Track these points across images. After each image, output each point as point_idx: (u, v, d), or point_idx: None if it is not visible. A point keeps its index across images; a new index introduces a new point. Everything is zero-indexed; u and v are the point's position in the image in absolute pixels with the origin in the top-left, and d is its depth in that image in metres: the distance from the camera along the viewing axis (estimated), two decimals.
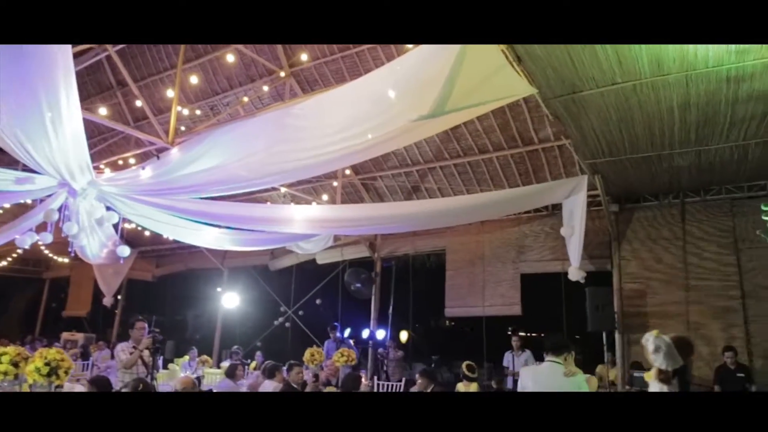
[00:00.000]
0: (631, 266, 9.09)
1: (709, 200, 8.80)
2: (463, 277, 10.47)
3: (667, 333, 8.33)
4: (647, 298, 8.87)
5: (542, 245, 9.90)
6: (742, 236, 8.50)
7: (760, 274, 8.30)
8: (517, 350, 9.10)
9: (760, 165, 7.76)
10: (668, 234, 8.95)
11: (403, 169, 10.38)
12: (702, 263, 8.65)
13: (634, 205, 9.25)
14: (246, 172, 6.91)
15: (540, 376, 4.21)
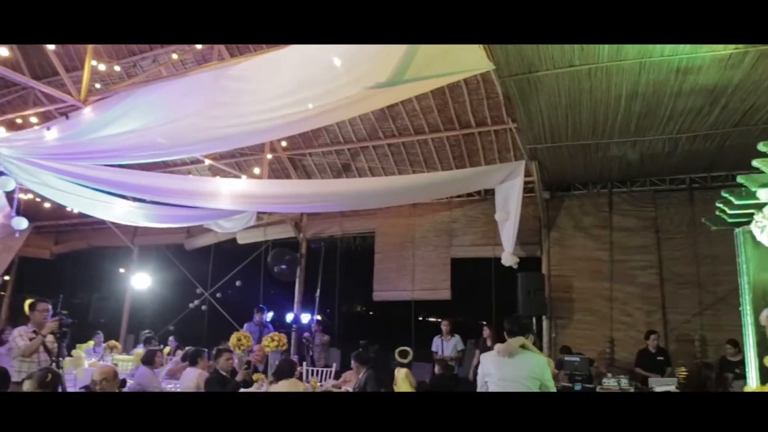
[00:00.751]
0: (560, 253, 9.23)
1: (635, 191, 9.08)
2: (392, 260, 10.25)
3: (592, 319, 8.54)
4: (574, 284, 9.05)
5: (474, 230, 9.85)
6: (664, 227, 8.84)
7: (678, 263, 8.68)
8: (446, 335, 9.00)
9: (685, 159, 8.05)
10: (596, 222, 9.16)
11: (334, 147, 9.96)
12: (626, 251, 8.92)
13: (565, 193, 9.39)
14: (169, 138, 6.23)
15: (503, 361, 4.02)
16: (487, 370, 4.06)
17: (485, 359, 4.16)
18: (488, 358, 4.14)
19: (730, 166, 8.43)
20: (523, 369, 3.94)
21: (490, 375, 4.02)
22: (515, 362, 3.96)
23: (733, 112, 6.48)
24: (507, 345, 4.03)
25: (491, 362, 4.08)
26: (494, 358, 4.08)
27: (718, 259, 8.48)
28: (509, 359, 3.98)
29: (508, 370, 3.97)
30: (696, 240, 8.64)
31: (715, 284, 8.45)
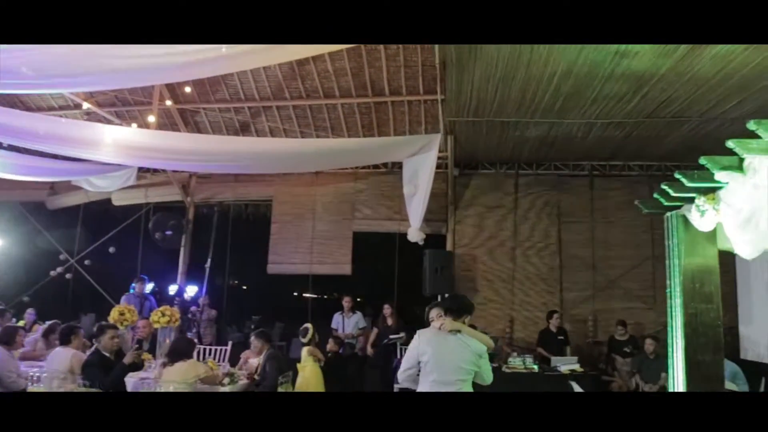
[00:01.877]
0: (465, 231, 9.15)
1: (540, 174, 9.19)
2: (290, 231, 9.58)
3: (495, 298, 8.52)
4: (478, 263, 9.01)
5: (379, 203, 9.46)
6: (565, 210, 9.05)
7: (575, 246, 8.94)
8: (347, 312, 8.60)
9: (592, 146, 8.22)
10: (502, 202, 9.17)
11: (233, 104, 9.01)
12: (529, 233, 9.03)
13: (473, 172, 9.29)
14: (37, 69, 5.08)
15: (442, 339, 3.69)
16: (422, 349, 3.70)
17: (422, 336, 3.79)
18: (426, 335, 3.79)
19: (628, 156, 8.78)
20: (463, 351, 3.65)
21: (425, 354, 3.67)
22: (456, 342, 3.66)
23: (651, 101, 6.61)
24: (449, 322, 3.73)
25: (428, 340, 3.73)
26: (432, 335, 3.75)
27: (613, 244, 8.87)
28: (449, 338, 3.68)
29: (446, 349, 3.66)
30: (594, 225, 8.95)
31: (608, 268, 8.83)
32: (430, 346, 3.68)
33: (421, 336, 3.81)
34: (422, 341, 3.75)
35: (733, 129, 7.30)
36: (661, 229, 8.69)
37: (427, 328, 3.90)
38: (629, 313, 8.48)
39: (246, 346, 6.94)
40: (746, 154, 3.65)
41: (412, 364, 3.75)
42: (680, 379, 4.93)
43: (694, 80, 6.04)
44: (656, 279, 8.71)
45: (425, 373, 3.63)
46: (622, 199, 8.96)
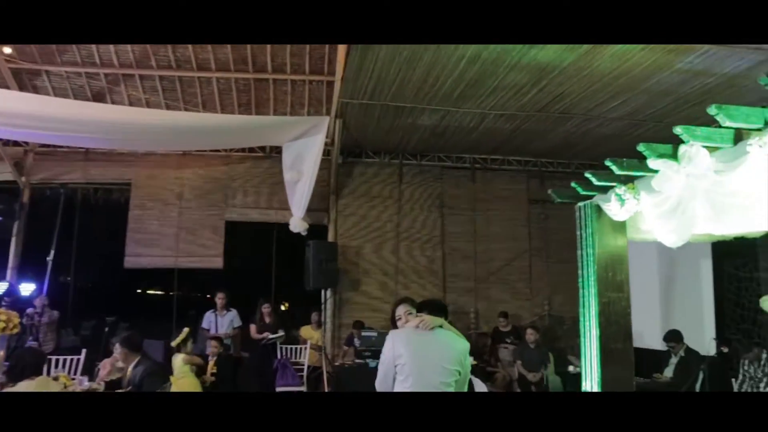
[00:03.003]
0: (348, 222, 8.71)
1: (424, 165, 9.02)
2: (152, 219, 8.40)
3: (378, 292, 8.19)
4: (361, 256, 8.62)
5: (255, 190, 8.66)
6: (448, 203, 8.98)
7: (457, 238, 8.91)
8: (220, 309, 7.74)
9: (479, 138, 8.21)
10: (385, 193, 8.87)
11: (85, 69, 7.64)
12: (413, 225, 8.83)
13: (357, 160, 8.87)
14: None
15: (422, 338, 3.22)
16: (398, 351, 3.14)
17: (396, 337, 3.24)
18: (401, 335, 3.25)
19: (509, 151, 8.93)
20: (446, 349, 3.16)
21: (401, 356, 3.12)
22: (437, 340, 3.18)
23: (546, 95, 6.68)
24: (431, 318, 3.23)
25: (405, 339, 3.19)
26: (410, 333, 3.22)
27: (493, 236, 8.97)
28: (429, 336, 3.18)
29: (426, 348, 3.15)
30: (475, 218, 8.98)
31: (489, 260, 8.92)
32: (407, 348, 3.14)
33: (395, 337, 3.24)
34: (397, 342, 3.18)
35: (610, 128, 7.71)
36: (537, 223, 9.04)
37: (400, 328, 3.38)
38: (508, 305, 8.64)
39: (105, 354, 5.88)
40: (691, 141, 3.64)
41: (388, 369, 3.18)
42: (595, 367, 4.97)
43: (590, 76, 6.18)
44: (533, 271, 8.99)
45: (401, 379, 3.10)
46: (501, 193, 9.12)
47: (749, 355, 5.88)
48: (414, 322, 3.26)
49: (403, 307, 3.52)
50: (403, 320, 3.47)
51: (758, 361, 5.84)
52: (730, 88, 6.47)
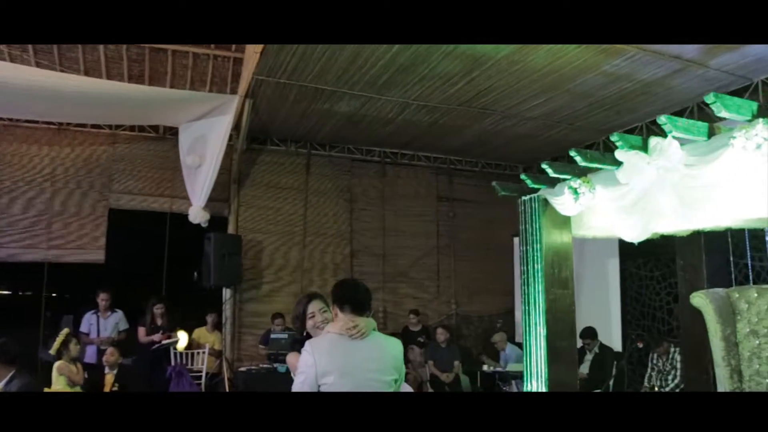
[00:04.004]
0: (251, 214, 7.99)
1: (334, 157, 8.54)
2: (16, 204, 7.07)
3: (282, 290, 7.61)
4: (264, 251, 7.95)
5: (145, 175, 7.63)
6: (357, 197, 8.58)
7: (365, 234, 8.54)
8: (103, 311, 6.69)
9: (395, 130, 7.91)
10: (292, 184, 8.28)
11: None
12: (320, 219, 8.33)
13: (261, 147, 8.18)
14: None
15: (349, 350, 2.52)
16: (323, 368, 2.45)
17: (318, 350, 2.49)
18: (324, 347, 2.52)
19: (420, 146, 8.73)
20: (384, 359, 2.56)
21: (328, 375, 2.45)
22: (372, 348, 2.56)
23: (473, 88, 6.52)
24: (365, 322, 2.57)
25: (331, 353, 2.50)
26: (336, 344, 2.52)
27: (402, 233, 8.71)
28: (362, 344, 2.54)
29: (362, 362, 2.52)
30: (384, 213, 8.67)
31: (398, 257, 8.64)
32: (334, 362, 2.47)
33: (316, 350, 2.50)
34: (321, 358, 2.47)
35: (524, 128, 7.76)
36: (445, 221, 8.91)
37: (320, 336, 2.62)
38: (417, 303, 8.44)
39: None
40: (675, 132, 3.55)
41: (309, 386, 2.47)
42: (542, 367, 4.82)
43: (521, 71, 6.09)
44: (440, 269, 8.85)
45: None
46: (411, 189, 8.90)
47: (659, 349, 6.13)
48: (337, 326, 2.56)
49: (316, 304, 2.84)
50: (318, 319, 2.78)
51: (667, 355, 6.09)
52: (643, 95, 6.74)
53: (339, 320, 2.61)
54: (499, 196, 5.47)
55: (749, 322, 4.67)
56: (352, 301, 2.61)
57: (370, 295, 2.72)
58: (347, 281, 2.85)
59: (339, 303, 2.63)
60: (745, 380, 4.61)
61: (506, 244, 8.98)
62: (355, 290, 2.69)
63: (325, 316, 2.81)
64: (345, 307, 2.61)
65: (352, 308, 2.60)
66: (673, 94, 6.70)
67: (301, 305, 2.86)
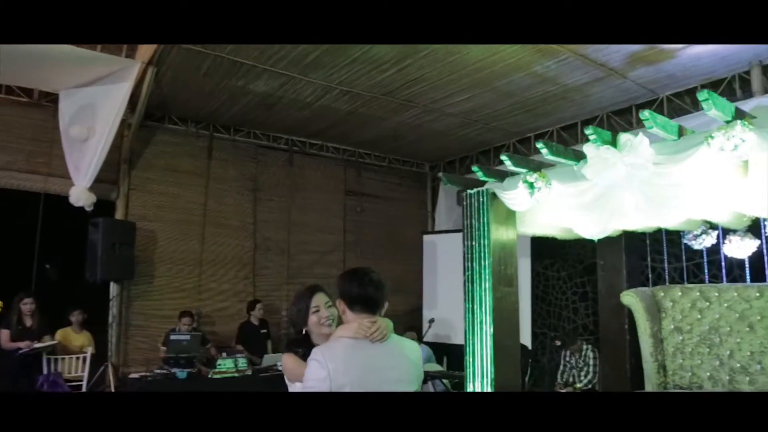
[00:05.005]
0: (142, 199, 7.05)
1: (239, 141, 7.83)
2: None
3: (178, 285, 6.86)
4: (158, 241, 7.06)
5: (14, 147, 6.40)
6: (262, 186, 7.95)
7: (270, 227, 7.94)
8: None
9: (308, 118, 7.44)
10: (191, 168, 7.45)
11: None
12: (222, 208, 7.59)
13: (158, 124, 7.26)
14: None
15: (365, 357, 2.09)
16: (338, 381, 2.00)
17: (331, 358, 2.03)
18: (338, 355, 2.05)
19: (331, 137, 8.30)
20: (406, 368, 2.18)
21: (342, 388, 2.01)
22: (393, 355, 2.16)
23: (402, 77, 6.25)
24: (386, 323, 2.17)
25: (346, 362, 2.05)
26: (351, 350, 2.08)
27: (309, 227, 8.24)
28: (381, 350, 2.12)
29: (382, 372, 2.10)
30: (290, 205, 8.12)
31: (302, 253, 8.13)
32: (350, 373, 2.04)
33: (328, 358, 2.04)
34: (334, 368, 2.03)
35: (442, 124, 7.66)
36: (352, 216, 8.57)
37: (332, 342, 2.15)
38: None
39: None
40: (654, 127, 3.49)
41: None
42: (489, 366, 4.61)
43: (455, 63, 5.92)
44: (346, 266, 8.46)
45: None
46: (319, 181, 8.43)
47: (573, 347, 6.27)
48: (350, 329, 2.11)
49: (321, 297, 2.43)
50: (323, 315, 2.38)
51: (580, 352, 6.25)
52: (562, 100, 6.89)
53: (349, 321, 2.17)
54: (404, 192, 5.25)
55: (674, 320, 4.86)
56: (363, 298, 2.15)
57: (385, 290, 2.23)
58: (358, 272, 2.27)
59: (348, 300, 2.17)
60: (669, 374, 4.79)
61: (413, 242, 8.84)
62: (367, 284, 2.18)
63: (331, 311, 2.41)
64: (355, 305, 2.16)
65: (363, 306, 2.15)
66: (588, 101, 6.94)
67: (303, 299, 2.44)
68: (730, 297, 4.57)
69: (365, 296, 2.15)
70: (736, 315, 4.50)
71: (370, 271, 2.27)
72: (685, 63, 5.93)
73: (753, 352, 4.38)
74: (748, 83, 6.02)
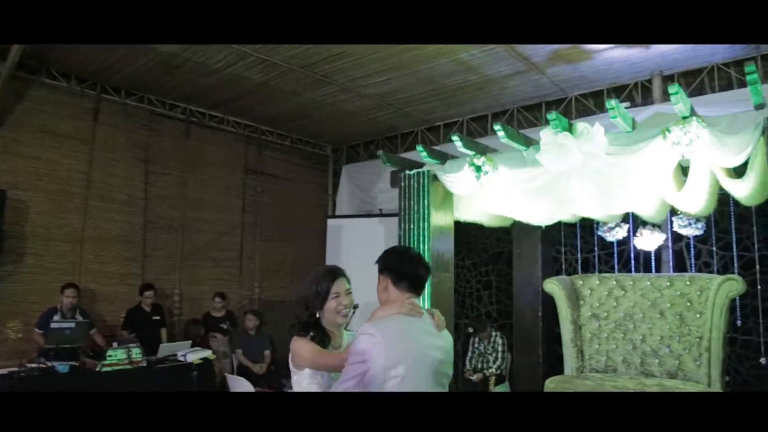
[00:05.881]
0: (11, 164, 6.03)
1: (129, 105, 6.99)
2: None
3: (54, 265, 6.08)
4: (30, 213, 6.09)
5: None
6: (155, 158, 7.19)
7: (163, 203, 7.22)
8: None
9: (213, 86, 6.83)
10: (73, 132, 6.51)
11: None
12: (108, 179, 6.74)
13: (33, 78, 6.24)
14: None
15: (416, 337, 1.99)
16: (393, 359, 1.86)
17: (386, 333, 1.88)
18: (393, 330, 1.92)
19: (233, 110, 7.72)
20: (446, 349, 2.10)
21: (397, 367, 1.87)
22: (431, 335, 2.05)
23: (325, 50, 5.91)
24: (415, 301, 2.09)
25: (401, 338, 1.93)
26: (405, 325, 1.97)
27: (205, 206, 7.64)
28: (428, 326, 2.06)
29: (429, 347, 2.01)
30: (186, 181, 7.44)
31: (198, 233, 7.51)
32: (404, 347, 1.92)
33: (381, 330, 1.90)
34: (393, 344, 1.88)
35: (354, 105, 7.47)
36: (252, 196, 8.09)
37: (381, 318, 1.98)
38: (217, 286, 7.41)
39: None
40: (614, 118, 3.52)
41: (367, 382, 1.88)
42: None
43: None
44: (244, 249, 7.96)
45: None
46: (218, 156, 7.81)
47: (483, 333, 6.37)
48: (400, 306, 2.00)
49: (343, 283, 2.28)
50: (343, 302, 2.23)
51: (489, 339, 6.37)
52: (479, 90, 6.94)
53: (391, 299, 2.07)
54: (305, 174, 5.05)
55: (591, 307, 5.08)
56: (413, 277, 2.08)
57: (429, 272, 2.19)
58: (410, 250, 2.21)
59: (396, 276, 2.08)
60: (586, 359, 5.00)
61: (314, 226, 8.52)
62: (418, 263, 2.12)
63: (350, 299, 2.28)
64: (402, 283, 2.07)
65: (410, 286, 2.08)
66: (503, 94, 7.06)
67: (324, 281, 2.25)
68: (643, 286, 4.86)
69: (416, 276, 2.08)
70: (649, 303, 4.80)
71: (414, 250, 2.29)
72: (598, 65, 6.22)
73: (663, 336, 4.69)
74: (648, 91, 6.47)
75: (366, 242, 7.76)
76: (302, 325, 2.24)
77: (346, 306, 2.24)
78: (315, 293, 2.24)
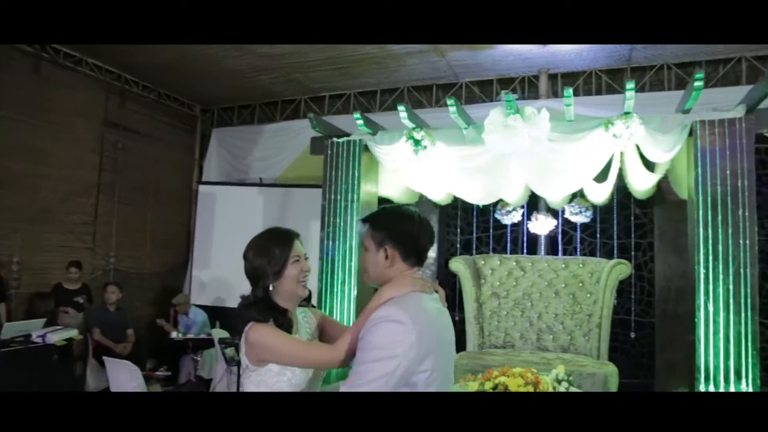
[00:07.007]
0: None
1: None
2: None
3: None
4: None
5: None
6: None
7: (4, 153, 6.00)
8: None
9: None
10: None
11: None
12: None
13: None
14: None
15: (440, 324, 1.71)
16: (427, 347, 1.57)
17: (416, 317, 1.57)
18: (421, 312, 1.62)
19: (96, 51, 6.65)
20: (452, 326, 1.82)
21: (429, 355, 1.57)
22: (447, 320, 1.78)
23: None
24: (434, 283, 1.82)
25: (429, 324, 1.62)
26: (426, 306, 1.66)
27: (56, 160, 6.55)
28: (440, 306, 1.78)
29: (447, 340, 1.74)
30: (34, 127, 6.26)
31: (45, 190, 6.38)
32: (435, 339, 1.62)
33: (410, 315, 1.57)
34: (420, 330, 1.56)
35: (241, 62, 6.94)
36: (111, 153, 7.18)
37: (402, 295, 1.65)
38: (67, 253, 6.41)
39: None
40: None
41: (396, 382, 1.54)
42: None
43: None
44: (99, 213, 6.97)
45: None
46: (72, 102, 6.70)
47: None
48: (413, 282, 1.68)
49: (300, 247, 1.86)
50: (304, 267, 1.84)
51: None
52: (375, 65, 6.83)
53: (395, 274, 1.71)
54: (171, 134, 4.72)
55: (492, 286, 5.28)
56: (424, 251, 1.77)
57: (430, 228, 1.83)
58: (414, 213, 1.78)
59: (407, 247, 1.72)
60: (486, 335, 5.20)
61: (179, 191, 7.77)
62: (429, 230, 1.79)
63: (308, 264, 1.89)
64: (412, 257, 1.73)
65: (418, 260, 1.75)
66: (399, 72, 7.01)
67: (279, 243, 1.82)
68: (541, 267, 5.17)
69: (425, 249, 1.77)
70: (546, 283, 5.11)
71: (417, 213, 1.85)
72: (495, 56, 6.44)
73: (557, 314, 5.03)
74: (534, 86, 6.87)
75: (243, 212, 7.28)
76: (255, 305, 1.79)
77: (307, 273, 1.85)
78: (269, 259, 1.80)
